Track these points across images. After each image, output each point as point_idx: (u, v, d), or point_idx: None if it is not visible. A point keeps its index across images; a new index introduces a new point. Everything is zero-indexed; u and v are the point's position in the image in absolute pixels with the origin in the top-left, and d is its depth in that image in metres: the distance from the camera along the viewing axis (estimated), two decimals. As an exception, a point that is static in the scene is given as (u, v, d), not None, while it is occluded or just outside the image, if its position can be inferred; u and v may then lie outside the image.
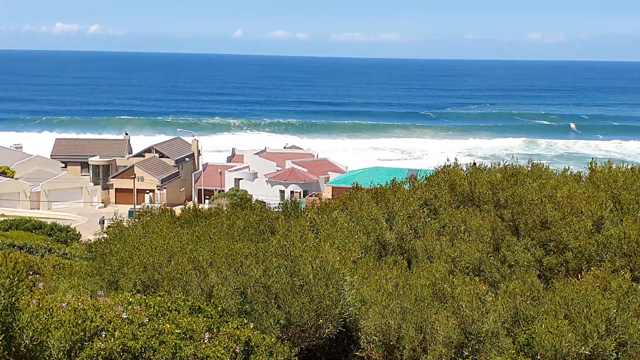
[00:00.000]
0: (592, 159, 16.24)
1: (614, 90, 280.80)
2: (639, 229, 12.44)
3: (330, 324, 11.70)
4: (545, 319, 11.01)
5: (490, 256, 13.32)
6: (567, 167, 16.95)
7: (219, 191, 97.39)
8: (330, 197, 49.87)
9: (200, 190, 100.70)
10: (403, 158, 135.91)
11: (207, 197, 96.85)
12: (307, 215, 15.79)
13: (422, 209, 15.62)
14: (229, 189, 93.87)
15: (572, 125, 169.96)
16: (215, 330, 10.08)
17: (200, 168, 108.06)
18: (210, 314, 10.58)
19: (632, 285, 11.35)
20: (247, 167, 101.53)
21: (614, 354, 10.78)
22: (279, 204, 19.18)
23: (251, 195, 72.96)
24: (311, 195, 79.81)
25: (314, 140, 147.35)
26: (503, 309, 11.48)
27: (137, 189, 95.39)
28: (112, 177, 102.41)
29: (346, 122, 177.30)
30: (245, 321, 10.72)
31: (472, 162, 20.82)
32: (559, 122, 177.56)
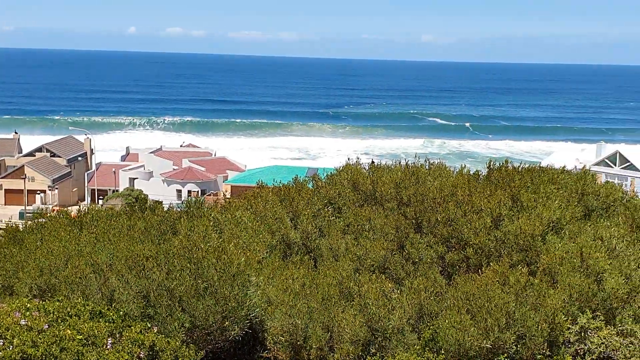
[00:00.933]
0: (490, 159, 16.74)
1: (504, 91, 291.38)
2: (535, 225, 12.90)
3: (236, 326, 11.53)
4: (449, 314, 11.25)
5: (394, 254, 13.49)
6: (463, 166, 17.37)
7: (113, 191, 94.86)
8: (229, 196, 49.46)
9: (93, 190, 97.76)
10: (300, 157, 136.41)
11: (100, 197, 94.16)
12: (210, 214, 15.53)
13: (327, 207, 15.66)
14: (124, 189, 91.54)
15: (468, 124, 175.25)
16: (118, 335, 9.75)
17: (94, 167, 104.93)
18: (112, 319, 10.22)
19: (529, 279, 11.76)
20: (142, 166, 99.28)
21: (514, 346, 11.13)
22: (182, 202, 18.80)
23: (147, 195, 71.43)
24: (209, 195, 78.90)
25: (211, 139, 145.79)
26: (408, 305, 11.65)
27: (27, 190, 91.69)
28: (1, 178, 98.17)
29: (244, 120, 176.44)
30: (149, 325, 10.42)
31: (371, 160, 21.08)
32: (455, 122, 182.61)
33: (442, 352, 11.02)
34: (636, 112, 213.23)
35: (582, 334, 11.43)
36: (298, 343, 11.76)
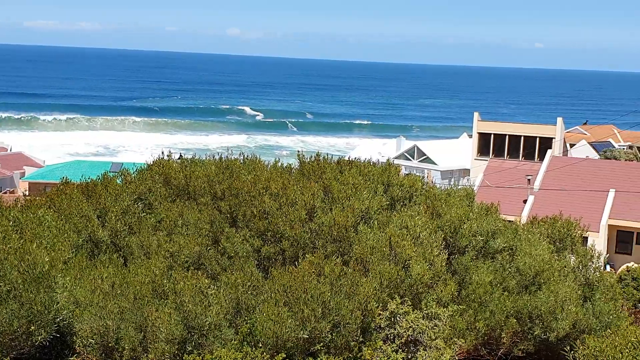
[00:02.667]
0: (299, 151, 17.02)
1: (312, 88, 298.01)
2: (347, 216, 13.28)
3: (42, 330, 10.85)
4: (266, 308, 11.30)
5: (209, 249, 13.34)
6: (277, 159, 17.53)
7: None
8: (28, 194, 46.58)
9: None
10: (101, 152, 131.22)
11: None
12: (10, 214, 14.46)
13: (137, 203, 15.15)
14: None
15: (285, 120, 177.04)
16: None
17: None
18: None
19: (343, 269, 12.10)
20: None
21: (330, 335, 11.41)
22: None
23: None
24: (5, 192, 73.86)
25: (4, 134, 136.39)
26: (225, 300, 11.55)
27: None
28: None
29: (41, 115, 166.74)
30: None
31: (180, 155, 20.72)
32: (269, 117, 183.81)
33: (260, 345, 11.05)
34: (430, 109, 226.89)
35: (392, 319, 11.95)
36: (109, 345, 11.29)
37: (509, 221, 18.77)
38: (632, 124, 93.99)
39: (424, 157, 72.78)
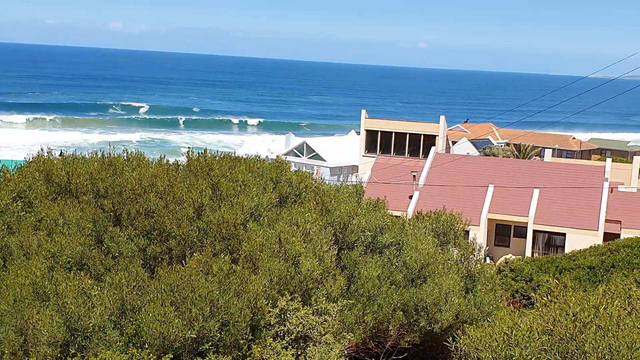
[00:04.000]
0: (189, 148, 16.74)
1: (202, 84, 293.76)
2: (236, 213, 13.17)
3: None
4: (152, 308, 11.04)
5: (93, 249, 12.89)
6: (163, 156, 17.16)
7: None
8: None
9: None
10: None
11: None
12: None
13: (16, 202, 14.45)
14: None
15: (174, 117, 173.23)
16: None
17: None
18: None
19: (232, 267, 11.99)
20: None
21: (218, 334, 11.27)
22: None
23: None
24: None
25: None
26: (109, 301, 11.21)
27: None
28: None
29: None
30: None
31: (61, 151, 19.97)
32: (157, 114, 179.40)
33: (147, 346, 10.79)
34: (319, 106, 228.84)
35: (282, 315, 11.94)
36: (-13, 351, 10.73)
37: (396, 216, 19.19)
38: (509, 122, 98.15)
39: (313, 153, 73.38)
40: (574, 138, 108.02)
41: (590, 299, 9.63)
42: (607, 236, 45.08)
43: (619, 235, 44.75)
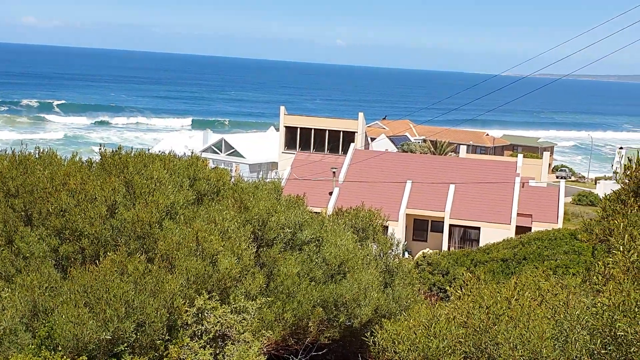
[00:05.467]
0: (102, 145, 16.33)
1: (119, 80, 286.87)
2: (151, 212, 12.92)
3: None
4: (65, 309, 10.72)
5: (2, 249, 12.42)
6: (75, 154, 16.69)
7: None
8: None
9: None
10: None
11: None
12: None
13: None
14: None
15: (89, 114, 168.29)
16: None
17: None
18: None
19: (148, 266, 11.76)
20: None
21: (134, 335, 11.04)
22: None
23: None
24: None
25: None
26: (20, 303, 10.83)
27: None
28: None
29: None
30: None
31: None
32: (70, 111, 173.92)
33: (60, 348, 10.47)
34: (239, 103, 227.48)
35: (200, 315, 11.79)
36: None
37: (316, 213, 19.25)
38: (425, 119, 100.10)
39: (232, 150, 72.91)
40: (487, 135, 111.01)
41: (502, 291, 9.88)
42: (519, 229, 46.51)
43: (530, 229, 46.23)
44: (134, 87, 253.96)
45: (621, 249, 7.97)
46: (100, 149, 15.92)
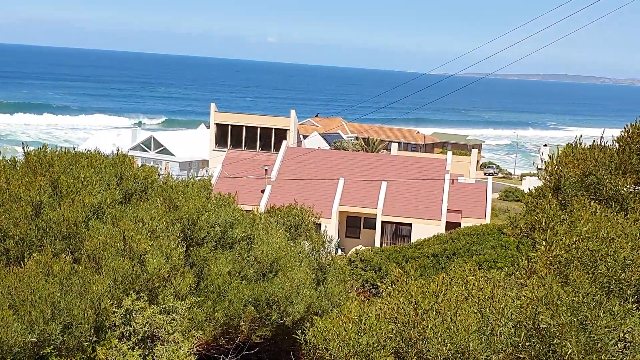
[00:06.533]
0: (24, 143, 15.89)
1: (34, 77, 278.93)
2: (77, 211, 12.64)
3: None
4: (-12, 312, 10.39)
5: None
6: (-2, 152, 16.20)
7: None
8: None
9: None
10: None
11: None
12: None
13: None
14: None
15: (17, 113, 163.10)
16: None
17: None
18: None
19: (74, 267, 11.50)
20: None
21: (60, 337, 10.78)
22: None
23: None
24: None
25: None
26: (-62, 309, 10.42)
27: None
28: None
29: None
30: None
31: None
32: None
33: (-19, 354, 10.14)
34: (168, 100, 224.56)
35: (128, 316, 11.59)
36: None
37: (247, 211, 19.17)
38: (357, 117, 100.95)
39: (162, 148, 71.97)
40: (418, 132, 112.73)
41: (430, 287, 10.03)
42: (449, 225, 47.42)
43: (459, 224, 47.18)
44: (59, 84, 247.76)
45: (544, 244, 8.20)
46: (23, 147, 15.48)
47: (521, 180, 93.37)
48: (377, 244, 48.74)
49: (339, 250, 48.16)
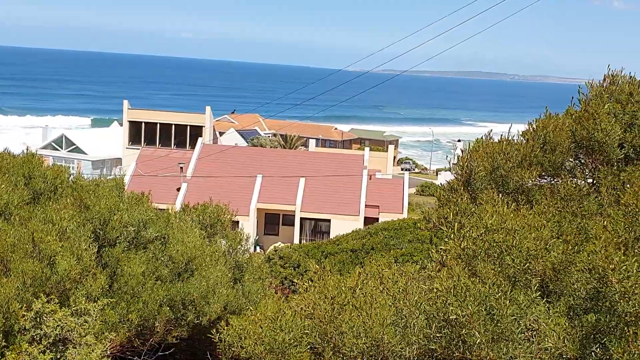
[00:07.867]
0: None
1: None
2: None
3: None
4: None
5: None
6: None
7: None
8: None
9: None
10: None
11: None
12: None
13: None
14: None
15: None
16: None
17: None
18: None
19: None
20: None
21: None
22: None
23: None
24: None
25: None
26: None
27: None
28: None
29: None
30: None
31: None
32: None
33: None
34: (80, 97, 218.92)
35: (38, 319, 11.25)
36: None
37: (162, 210, 18.89)
38: (273, 113, 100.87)
39: (73, 146, 70.13)
40: (335, 129, 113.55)
41: (347, 281, 10.13)
42: (368, 220, 47.97)
43: (377, 219, 47.79)
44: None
45: (452, 237, 8.40)
46: None
47: (437, 175, 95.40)
48: (296, 240, 48.87)
49: (258, 248, 48.06)
